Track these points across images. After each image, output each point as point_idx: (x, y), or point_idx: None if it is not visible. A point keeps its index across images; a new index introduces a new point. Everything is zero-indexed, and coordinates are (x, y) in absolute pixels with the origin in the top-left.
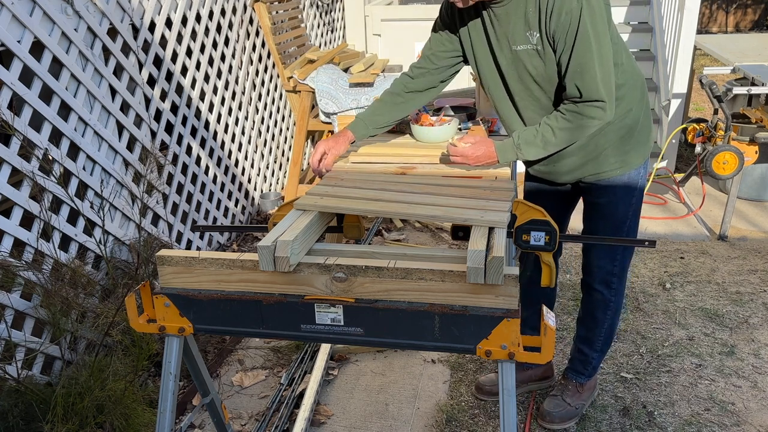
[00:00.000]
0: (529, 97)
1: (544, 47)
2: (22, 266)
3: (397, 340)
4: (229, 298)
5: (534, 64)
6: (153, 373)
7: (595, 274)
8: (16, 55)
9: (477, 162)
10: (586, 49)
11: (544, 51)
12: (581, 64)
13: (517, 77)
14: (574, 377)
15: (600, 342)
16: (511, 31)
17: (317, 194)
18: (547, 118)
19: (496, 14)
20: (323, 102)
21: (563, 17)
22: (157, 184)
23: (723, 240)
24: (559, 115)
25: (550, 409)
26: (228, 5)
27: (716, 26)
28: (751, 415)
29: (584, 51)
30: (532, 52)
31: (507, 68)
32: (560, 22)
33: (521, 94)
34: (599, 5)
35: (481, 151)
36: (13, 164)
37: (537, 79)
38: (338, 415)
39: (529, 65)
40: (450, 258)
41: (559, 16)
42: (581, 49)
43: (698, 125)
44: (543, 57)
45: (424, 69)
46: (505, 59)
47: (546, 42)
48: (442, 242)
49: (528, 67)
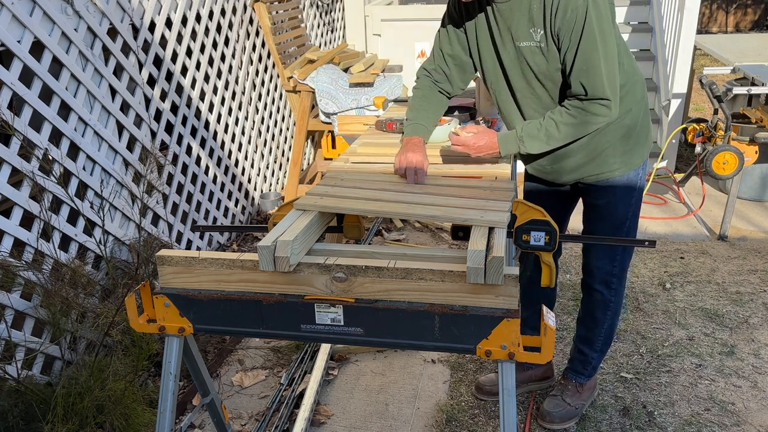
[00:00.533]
0: (531, 94)
1: (547, 44)
2: (22, 266)
3: (397, 340)
4: (229, 298)
5: (536, 61)
6: (153, 373)
7: (594, 274)
8: (16, 55)
9: (478, 152)
10: (591, 47)
11: (548, 48)
12: (587, 61)
13: (520, 74)
14: (574, 377)
15: (600, 342)
16: (515, 27)
17: (317, 194)
18: (552, 113)
19: (499, 10)
20: (323, 102)
21: (569, 15)
22: (157, 184)
23: (723, 240)
24: (564, 110)
25: (550, 409)
26: (228, 5)
27: (716, 26)
28: (751, 415)
29: (590, 49)
30: (535, 49)
31: (510, 64)
32: (566, 19)
33: (523, 90)
34: (604, 4)
35: (483, 141)
36: (13, 164)
37: (539, 76)
38: (338, 415)
39: (531, 62)
40: (450, 258)
41: (565, 14)
42: (587, 47)
43: (698, 125)
44: (546, 54)
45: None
46: (508, 55)
47: (550, 39)
48: (442, 242)
49: (530, 63)
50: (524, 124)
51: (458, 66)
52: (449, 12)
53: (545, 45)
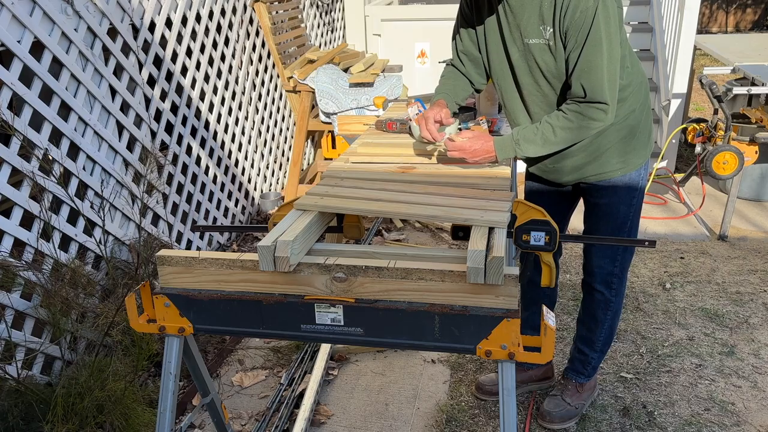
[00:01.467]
0: (537, 91)
1: (555, 43)
2: (22, 266)
3: (397, 340)
4: (229, 298)
5: (545, 59)
6: (153, 373)
7: (596, 274)
8: (16, 55)
9: (474, 156)
10: (596, 50)
11: (555, 47)
12: (589, 63)
13: (527, 70)
14: (574, 377)
15: (600, 342)
16: (525, 23)
17: (317, 194)
18: (549, 117)
19: (510, 5)
20: (323, 102)
21: (578, 15)
22: (157, 184)
23: (723, 240)
24: (561, 114)
25: (550, 408)
26: (228, 5)
27: (716, 26)
28: (751, 415)
29: (594, 51)
30: (544, 47)
31: (518, 61)
32: (574, 19)
33: (529, 87)
34: (613, 7)
35: (479, 145)
36: (13, 164)
37: (546, 74)
38: (338, 415)
39: (539, 59)
40: (450, 258)
41: (574, 14)
42: (591, 48)
43: (698, 125)
44: (554, 53)
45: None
46: (517, 51)
47: (558, 38)
48: (442, 242)
49: (538, 61)
50: (520, 128)
51: (472, 62)
52: (461, 7)
53: (554, 43)
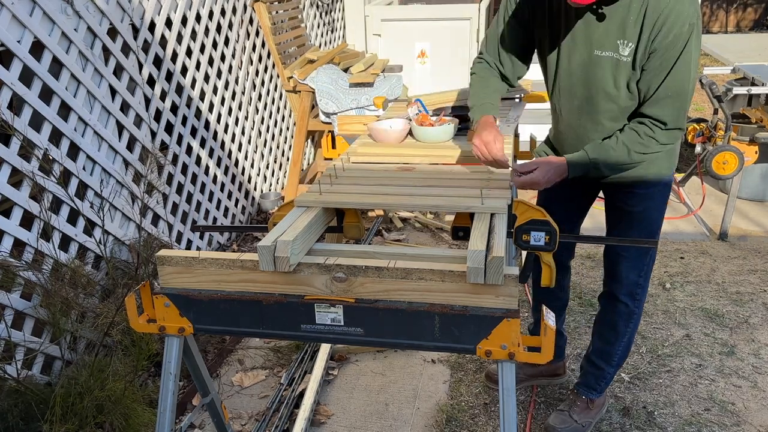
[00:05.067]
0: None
1: (632, 60)
2: (22, 266)
3: (397, 340)
4: (229, 298)
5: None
6: (153, 373)
7: (624, 285)
8: (16, 55)
9: (549, 183)
10: (684, 76)
11: (630, 64)
12: (677, 89)
13: (584, 81)
14: (585, 392)
15: (617, 356)
16: (600, 35)
17: (318, 191)
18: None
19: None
20: (323, 102)
21: (670, 38)
22: (157, 184)
23: (723, 240)
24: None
25: (555, 424)
26: (228, 5)
27: (717, 26)
28: (751, 415)
29: (682, 77)
30: (615, 62)
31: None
32: (666, 42)
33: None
34: (700, 32)
35: (552, 173)
36: (13, 164)
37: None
38: (338, 415)
39: (602, 73)
40: (450, 258)
41: (666, 37)
42: (680, 74)
43: (698, 125)
44: (624, 69)
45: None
46: (579, 59)
47: (638, 56)
48: (442, 242)
49: (599, 75)
50: (592, 147)
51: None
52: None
53: (628, 60)
